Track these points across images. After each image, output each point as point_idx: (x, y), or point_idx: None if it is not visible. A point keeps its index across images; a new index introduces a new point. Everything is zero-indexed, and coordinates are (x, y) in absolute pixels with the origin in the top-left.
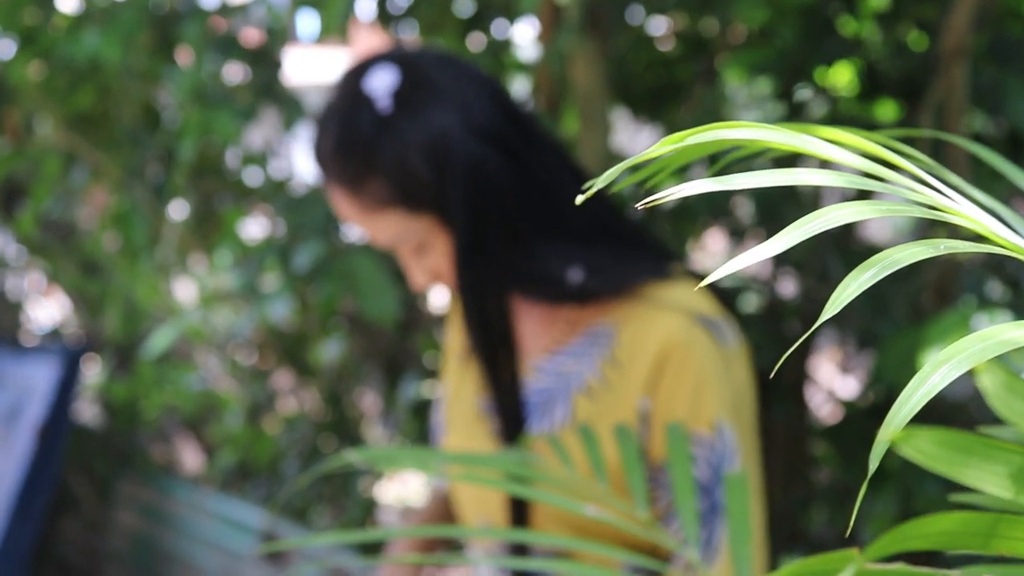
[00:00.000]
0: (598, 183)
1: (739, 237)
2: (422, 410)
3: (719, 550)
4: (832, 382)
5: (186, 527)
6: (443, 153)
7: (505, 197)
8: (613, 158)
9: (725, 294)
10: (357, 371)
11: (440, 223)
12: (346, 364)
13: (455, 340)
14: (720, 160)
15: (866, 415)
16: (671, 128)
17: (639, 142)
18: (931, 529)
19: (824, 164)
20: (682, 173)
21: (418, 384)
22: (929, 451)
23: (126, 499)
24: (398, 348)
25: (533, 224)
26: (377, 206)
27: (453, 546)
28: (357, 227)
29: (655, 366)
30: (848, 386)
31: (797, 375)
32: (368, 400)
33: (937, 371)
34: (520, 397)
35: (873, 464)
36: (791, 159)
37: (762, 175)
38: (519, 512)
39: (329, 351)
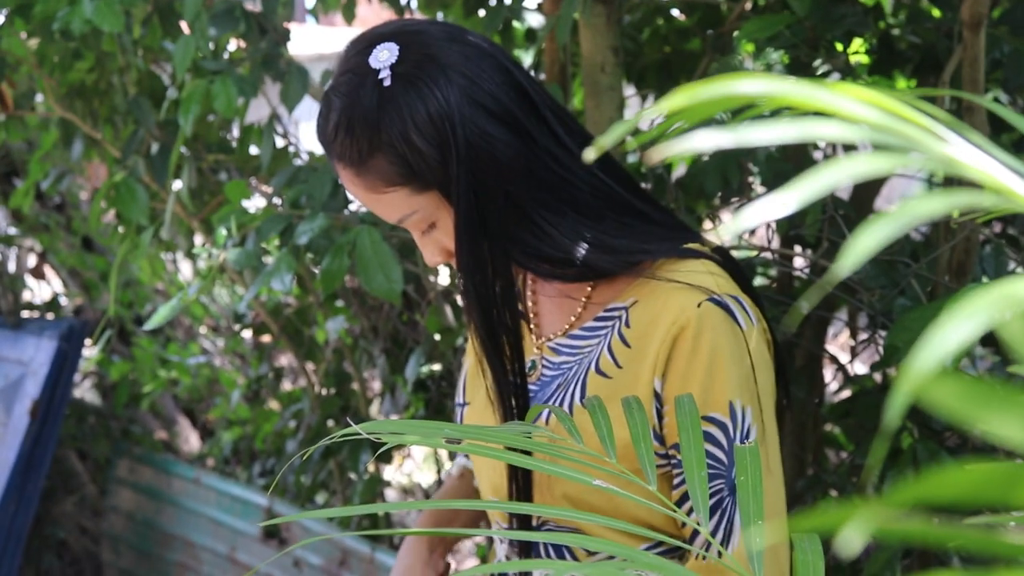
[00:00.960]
0: (604, 142)
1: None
2: (427, 388)
3: (737, 531)
4: (845, 363)
5: (187, 507)
6: (446, 130)
7: (511, 174)
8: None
9: (741, 270)
10: (361, 349)
11: (445, 201)
12: (349, 342)
13: None
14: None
15: (878, 394)
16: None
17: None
18: (952, 481)
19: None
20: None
21: (423, 362)
22: (951, 399)
23: (125, 479)
24: (403, 326)
25: (542, 201)
26: (382, 185)
27: (472, 521)
28: (365, 206)
29: (668, 346)
30: (861, 369)
31: (809, 355)
32: (372, 378)
33: (958, 323)
34: (524, 382)
35: (893, 415)
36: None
37: (776, 128)
38: (522, 484)
39: (332, 329)
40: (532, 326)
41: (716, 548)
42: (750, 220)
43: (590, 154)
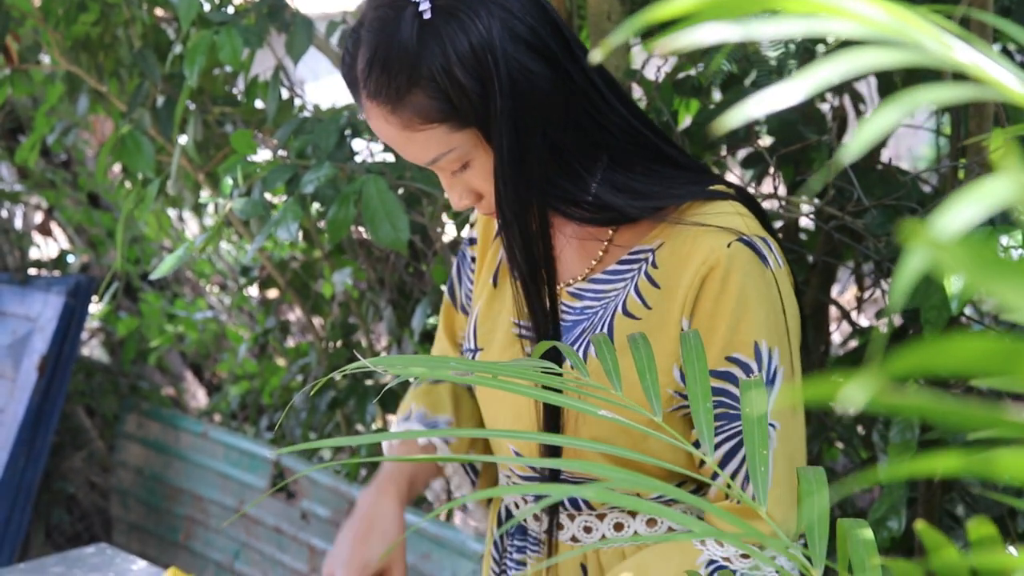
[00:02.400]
0: (610, 42)
1: (757, 165)
2: (433, 340)
3: (771, 469)
4: (851, 313)
5: (195, 461)
6: (488, 63)
7: (550, 112)
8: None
9: (764, 212)
10: (367, 302)
11: (482, 139)
12: (356, 295)
13: (487, 259)
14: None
15: (887, 340)
16: (681, 54)
17: (652, 66)
18: (955, 352)
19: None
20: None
21: (430, 313)
22: (965, 266)
23: (133, 434)
24: (409, 277)
25: (577, 143)
26: (419, 122)
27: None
28: (395, 147)
29: (696, 286)
30: (866, 323)
31: (815, 303)
32: (379, 331)
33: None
34: (558, 320)
35: (902, 283)
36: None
37: (783, 23)
38: (551, 421)
39: (338, 281)
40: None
41: (725, 480)
42: (760, 109)
43: (596, 56)
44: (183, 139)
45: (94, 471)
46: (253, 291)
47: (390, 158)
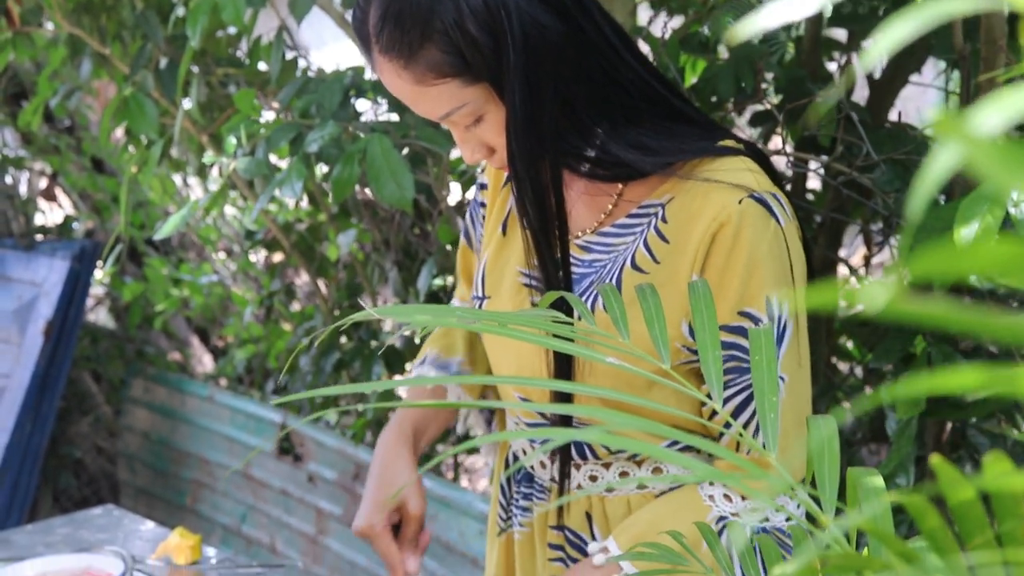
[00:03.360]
0: None
1: (765, 123)
2: (439, 300)
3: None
4: (858, 269)
5: (201, 425)
6: (501, 17)
7: (562, 66)
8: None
9: (773, 166)
10: (373, 263)
11: (495, 94)
12: (361, 257)
13: (496, 207)
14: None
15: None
16: (688, 11)
17: (658, 24)
18: (980, 254)
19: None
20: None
21: (435, 273)
22: (992, 160)
23: (139, 399)
24: (414, 237)
25: (587, 96)
26: (431, 77)
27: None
28: (408, 102)
29: (707, 242)
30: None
31: (824, 260)
32: (384, 293)
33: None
34: (569, 273)
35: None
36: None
37: None
38: (561, 372)
39: (344, 243)
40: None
41: (736, 428)
42: (772, 19)
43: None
44: (187, 104)
45: (101, 436)
46: (258, 257)
47: (394, 118)
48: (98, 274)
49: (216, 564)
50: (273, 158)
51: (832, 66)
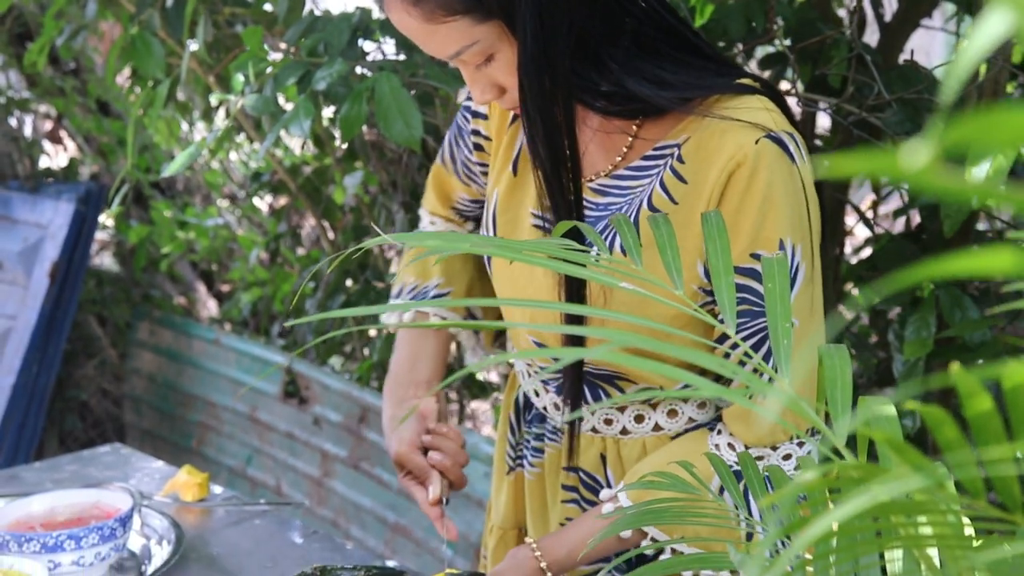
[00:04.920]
0: None
1: (775, 65)
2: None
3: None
4: (865, 212)
5: (207, 368)
6: None
7: (574, 1)
8: None
9: (788, 106)
10: (380, 205)
11: (506, 31)
12: (367, 200)
13: (503, 146)
14: None
15: (902, 240)
16: None
17: None
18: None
19: None
20: None
21: None
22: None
23: (145, 342)
24: (422, 179)
25: (602, 32)
26: (441, 14)
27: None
28: (417, 41)
29: (723, 182)
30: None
31: (832, 202)
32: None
33: None
34: (582, 215)
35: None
36: None
37: None
38: (573, 293)
39: (350, 185)
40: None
41: (753, 359)
42: None
43: None
44: (193, 44)
45: (106, 379)
46: (263, 205)
47: (402, 58)
48: (104, 218)
49: (223, 501)
50: (280, 100)
51: (842, 13)
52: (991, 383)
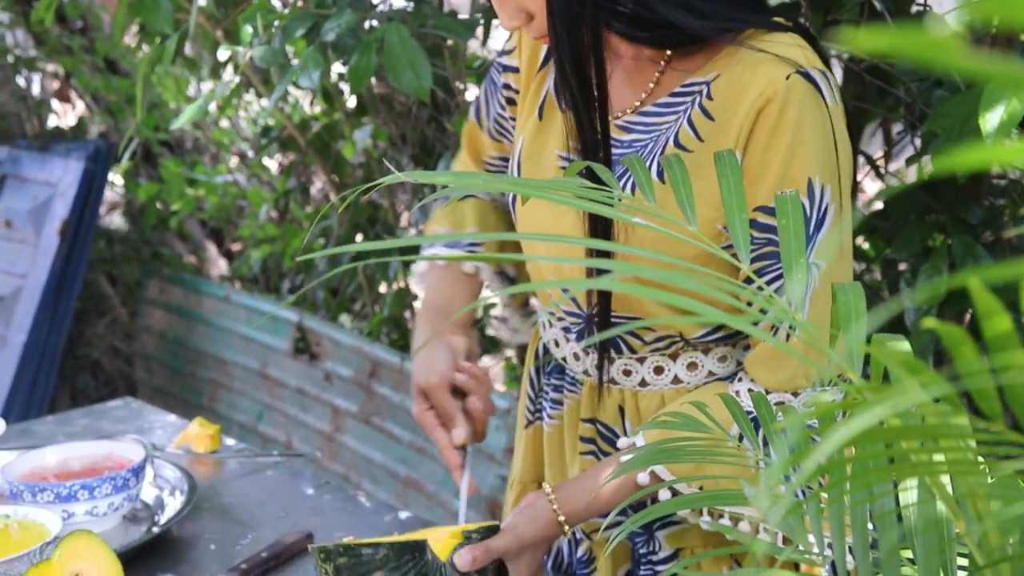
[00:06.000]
0: None
1: (788, 9)
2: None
3: (809, 306)
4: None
5: (218, 325)
6: None
7: None
8: None
9: (821, 46)
10: (389, 159)
11: None
12: (376, 156)
13: (531, 92)
14: None
15: (914, 189)
16: None
17: None
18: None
19: None
20: None
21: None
22: None
23: (155, 300)
24: (431, 132)
25: None
26: None
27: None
28: None
29: (752, 118)
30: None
31: None
32: (401, 191)
33: None
34: (609, 147)
35: None
36: None
37: None
38: (600, 227)
39: (360, 139)
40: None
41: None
42: None
43: None
44: (201, 1)
45: (117, 337)
46: (272, 164)
47: (411, 8)
48: (113, 177)
49: (235, 453)
50: (289, 53)
51: None
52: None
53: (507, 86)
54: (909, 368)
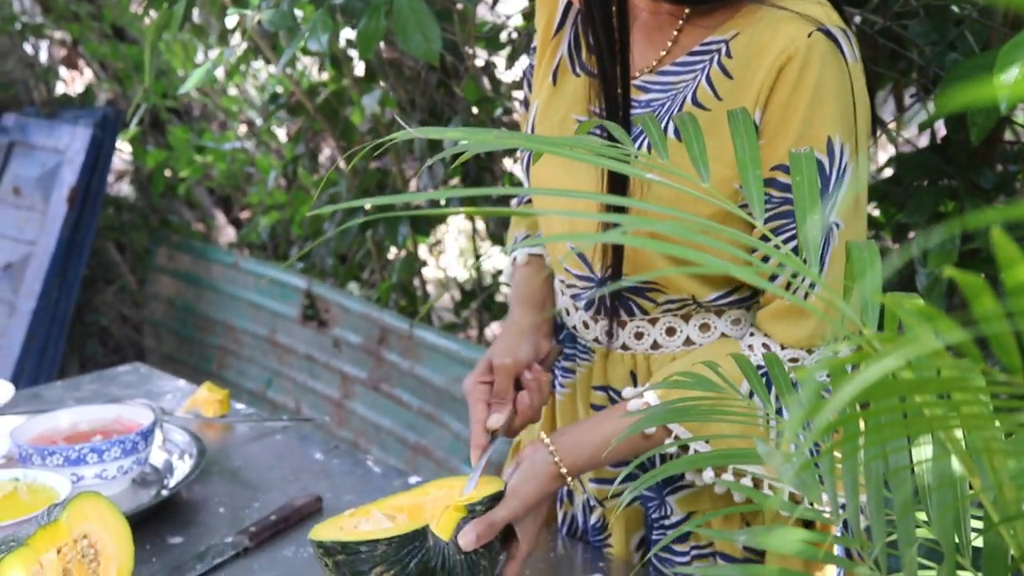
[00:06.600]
0: None
1: None
2: (467, 160)
3: (828, 265)
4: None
5: (226, 292)
6: None
7: None
8: None
9: (841, 5)
10: (398, 125)
11: None
12: (384, 122)
13: (546, 57)
14: None
15: (926, 152)
16: None
17: None
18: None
19: None
20: None
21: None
22: None
23: (164, 267)
24: (441, 97)
25: None
26: None
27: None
28: None
29: (773, 76)
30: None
31: None
32: (409, 154)
33: None
34: (628, 110)
35: None
36: None
37: None
38: (616, 185)
39: (368, 104)
40: None
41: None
42: None
43: None
44: None
45: (126, 304)
46: (281, 133)
47: None
48: (121, 144)
49: (244, 417)
50: (298, 15)
51: None
52: None
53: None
54: (923, 315)
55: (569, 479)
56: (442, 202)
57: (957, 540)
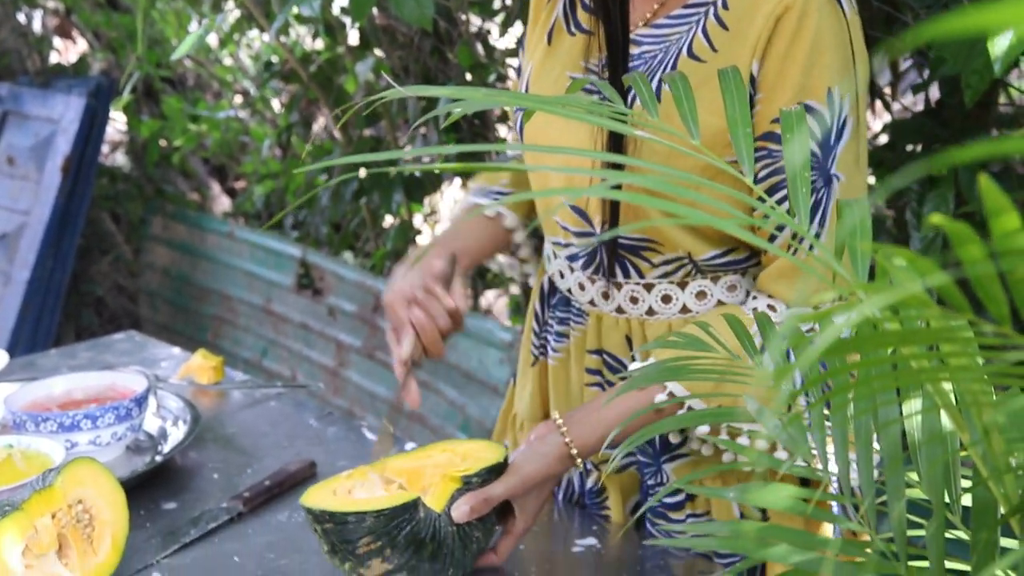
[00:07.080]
0: None
1: None
2: (459, 128)
3: (828, 219)
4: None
5: (221, 261)
6: None
7: None
8: None
9: None
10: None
11: None
12: (379, 88)
13: (541, 19)
14: None
15: (922, 116)
16: None
17: None
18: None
19: None
20: None
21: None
22: None
23: (159, 236)
24: (435, 63)
25: None
26: None
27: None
28: None
29: (770, 27)
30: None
31: None
32: (403, 121)
33: None
34: (627, 61)
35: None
36: None
37: None
38: (616, 145)
39: (362, 72)
40: None
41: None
42: None
43: None
44: None
45: (121, 274)
46: (275, 103)
47: None
48: (115, 114)
49: (239, 384)
50: None
51: None
52: None
53: None
54: (910, 261)
55: (579, 461)
56: (436, 167)
57: (947, 497)
